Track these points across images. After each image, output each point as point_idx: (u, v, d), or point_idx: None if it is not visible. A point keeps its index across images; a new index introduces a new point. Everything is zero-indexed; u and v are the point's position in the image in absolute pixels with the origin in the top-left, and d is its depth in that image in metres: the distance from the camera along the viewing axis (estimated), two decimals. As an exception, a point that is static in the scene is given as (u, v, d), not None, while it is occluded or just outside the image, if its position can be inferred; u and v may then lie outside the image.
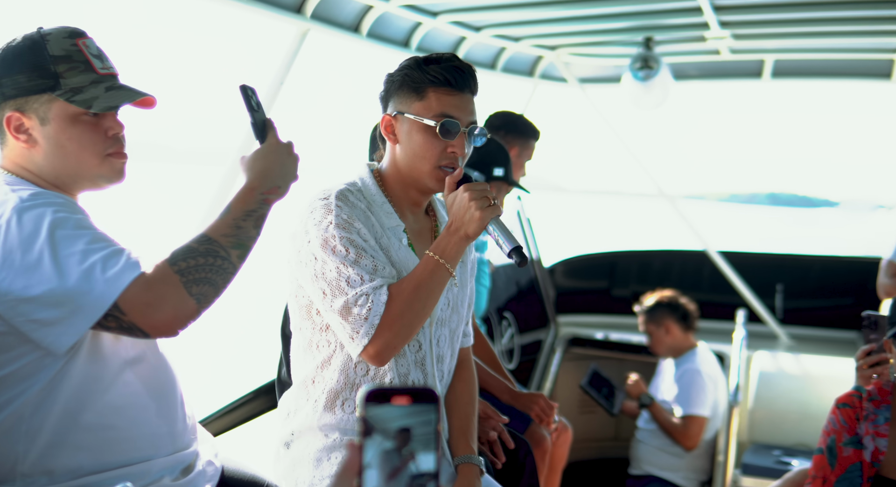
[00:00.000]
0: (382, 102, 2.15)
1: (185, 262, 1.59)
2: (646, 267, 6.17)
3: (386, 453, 0.92)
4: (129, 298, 1.54)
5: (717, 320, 5.41)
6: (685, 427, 4.38)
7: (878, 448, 2.30)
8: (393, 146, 2.12)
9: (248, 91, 1.84)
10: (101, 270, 1.54)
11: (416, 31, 3.91)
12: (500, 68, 4.80)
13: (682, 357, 4.60)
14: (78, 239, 1.57)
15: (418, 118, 2.05)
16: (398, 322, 1.95)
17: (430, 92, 2.06)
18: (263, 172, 1.76)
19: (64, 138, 1.71)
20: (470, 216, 1.96)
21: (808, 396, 4.52)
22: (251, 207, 1.71)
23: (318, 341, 2.10)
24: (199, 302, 1.59)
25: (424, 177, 2.08)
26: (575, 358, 5.32)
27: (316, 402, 2.11)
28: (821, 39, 4.50)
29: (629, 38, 4.65)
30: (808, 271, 5.95)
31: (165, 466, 1.75)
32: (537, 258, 5.31)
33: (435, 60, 2.07)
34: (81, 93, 1.70)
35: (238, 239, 1.67)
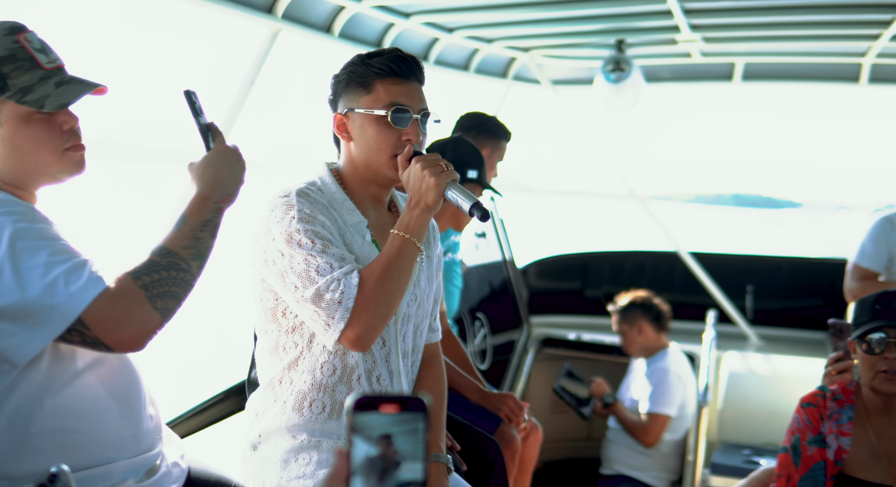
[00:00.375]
0: (332, 105, 2.16)
1: (148, 277, 1.58)
2: (618, 268, 6.21)
3: (371, 461, 0.92)
4: (93, 313, 1.53)
5: (688, 321, 5.45)
6: (647, 424, 4.42)
7: (841, 446, 2.34)
8: (347, 144, 2.13)
9: (192, 96, 1.83)
10: (63, 284, 1.52)
11: (389, 32, 3.91)
12: (474, 70, 4.81)
13: (654, 357, 4.63)
14: (39, 250, 1.54)
15: (368, 111, 2.06)
16: (373, 303, 1.94)
17: (376, 84, 2.07)
18: (214, 181, 1.74)
19: (19, 139, 1.68)
20: (426, 185, 1.97)
21: (776, 396, 4.56)
22: (206, 217, 1.71)
23: (284, 343, 2.09)
24: (163, 316, 1.60)
25: (382, 169, 2.08)
26: (547, 358, 5.34)
27: (284, 403, 2.11)
28: (791, 43, 4.55)
29: (601, 41, 4.68)
30: (778, 272, 6.00)
31: (129, 468, 1.73)
32: (510, 259, 5.32)
33: (378, 54, 2.09)
34: (31, 92, 1.66)
35: (197, 250, 1.67)
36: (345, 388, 2.08)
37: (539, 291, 5.87)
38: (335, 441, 2.08)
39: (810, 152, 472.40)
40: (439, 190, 1.97)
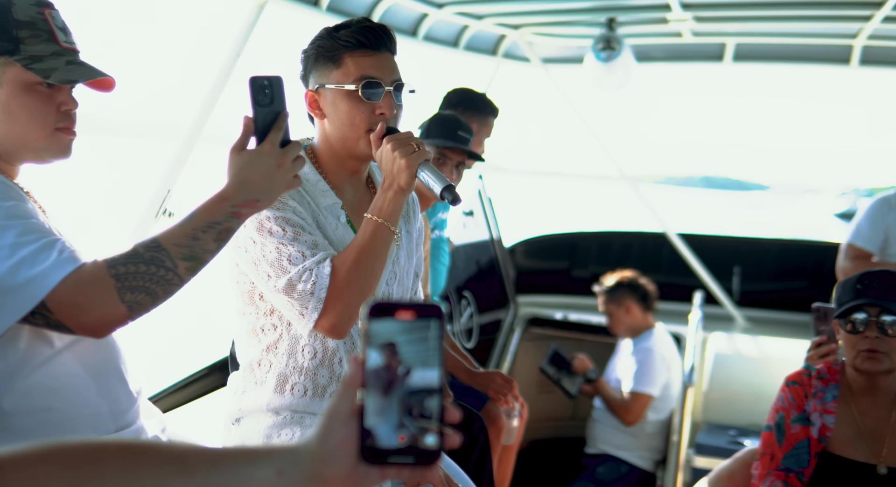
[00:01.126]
0: (303, 81, 2.09)
1: (124, 267, 1.50)
2: (606, 248, 6.20)
3: (376, 372, 0.91)
4: (56, 297, 1.48)
5: (675, 301, 5.46)
6: (629, 403, 4.43)
7: (825, 424, 2.34)
8: (321, 121, 2.07)
9: (261, 82, 1.66)
10: (28, 266, 1.47)
11: (378, 6, 3.86)
12: (463, 46, 4.77)
13: (639, 337, 4.64)
14: (7, 230, 1.50)
15: (339, 86, 1.99)
16: (346, 291, 1.90)
17: (345, 57, 2.00)
18: (243, 181, 1.61)
19: (14, 104, 1.65)
20: (398, 166, 1.91)
21: (762, 377, 4.57)
22: (216, 219, 1.58)
23: (263, 325, 2.06)
24: (131, 310, 1.52)
25: (357, 145, 2.02)
26: (534, 337, 5.34)
27: (265, 385, 2.08)
28: (782, 23, 4.53)
29: (592, 19, 4.64)
30: (766, 254, 6.01)
31: None
32: (498, 238, 5.31)
33: (345, 26, 2.02)
34: (41, 61, 1.64)
35: (191, 250, 1.56)
36: (326, 372, 2.05)
37: (526, 270, 5.86)
38: (318, 417, 2.06)
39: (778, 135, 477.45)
40: (411, 171, 1.91)
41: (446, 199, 1.91)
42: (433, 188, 1.92)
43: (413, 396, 0.92)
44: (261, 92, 1.65)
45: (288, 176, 1.65)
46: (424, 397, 0.92)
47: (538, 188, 64.12)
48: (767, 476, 2.36)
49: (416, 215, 2.31)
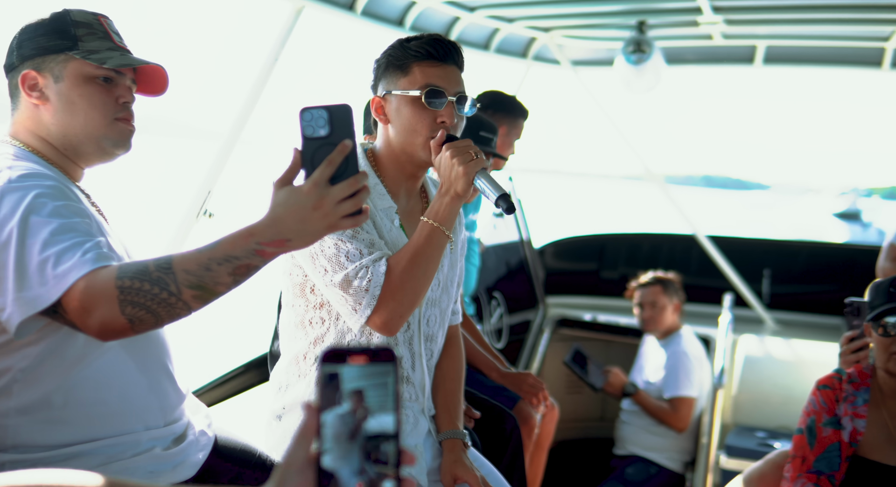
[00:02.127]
0: (373, 89, 2.17)
1: (129, 281, 1.49)
2: (635, 249, 6.21)
3: (342, 417, 0.93)
4: (69, 297, 1.51)
5: (704, 303, 5.46)
6: (675, 408, 4.43)
7: (856, 428, 2.35)
8: (385, 126, 2.14)
9: (313, 113, 1.50)
10: (52, 265, 1.51)
11: (411, 10, 3.91)
12: (494, 49, 4.81)
13: (668, 338, 4.65)
14: (46, 226, 1.55)
15: (404, 92, 2.07)
16: (400, 291, 1.97)
17: (413, 66, 2.08)
18: (274, 219, 1.49)
19: (75, 94, 1.75)
20: (455, 173, 1.96)
21: (792, 380, 4.57)
22: (236, 253, 1.49)
23: (311, 318, 2.13)
24: (132, 323, 1.50)
25: (417, 151, 2.09)
26: (563, 338, 5.37)
27: (308, 377, 2.14)
28: (813, 26, 4.52)
29: (622, 22, 4.66)
30: (796, 257, 6.00)
31: (156, 437, 1.77)
32: (527, 239, 5.34)
33: (417, 38, 2.10)
34: (97, 53, 1.76)
35: (200, 280, 1.49)
36: None
37: (556, 271, 5.89)
38: None
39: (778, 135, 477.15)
40: (468, 179, 1.97)
41: (501, 208, 1.96)
42: (489, 196, 1.97)
43: (371, 441, 0.93)
44: (311, 123, 1.50)
45: (330, 218, 1.50)
46: (382, 442, 0.93)
47: (567, 189, 64.07)
48: (799, 479, 2.38)
49: (461, 226, 2.36)
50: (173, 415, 1.83)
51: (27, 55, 1.76)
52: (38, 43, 1.75)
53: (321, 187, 1.48)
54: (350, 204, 1.50)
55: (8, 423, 1.62)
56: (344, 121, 1.50)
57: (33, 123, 1.78)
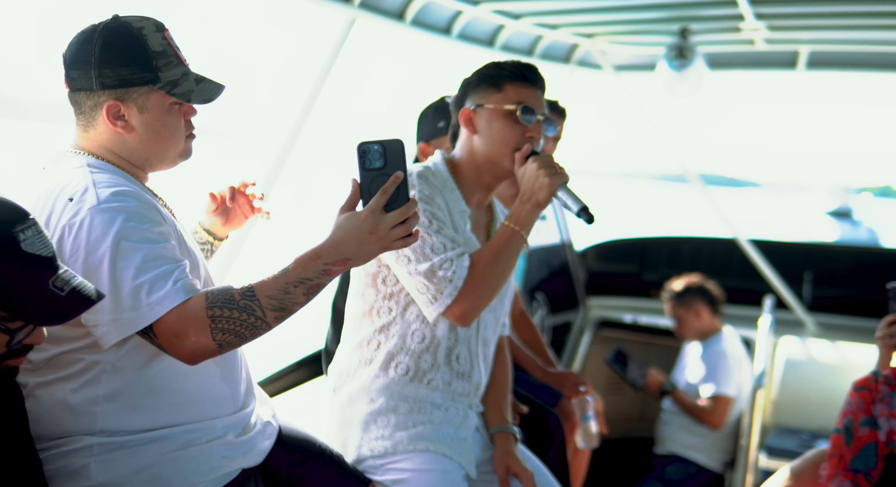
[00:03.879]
0: (457, 103, 2.31)
1: (220, 310, 1.66)
2: (676, 252, 6.26)
3: None
4: (162, 325, 1.66)
5: (745, 306, 5.49)
6: (712, 407, 4.49)
7: (892, 428, 2.42)
8: (471, 136, 2.27)
9: (367, 147, 1.72)
10: (146, 293, 1.65)
11: (458, 19, 4.03)
12: (538, 55, 4.90)
13: (709, 339, 4.71)
14: (137, 252, 1.67)
15: (498, 106, 2.22)
16: (480, 285, 2.11)
17: (507, 85, 2.23)
18: (338, 241, 1.70)
19: (160, 125, 1.86)
20: (540, 183, 2.11)
21: (832, 382, 4.60)
22: (308, 275, 1.69)
23: (380, 307, 2.26)
24: (220, 347, 1.68)
25: (502, 160, 2.23)
26: (603, 340, 5.44)
27: (371, 363, 2.28)
28: (856, 32, 4.55)
29: (665, 28, 4.72)
30: (837, 260, 6.00)
31: (229, 424, 1.91)
32: (568, 241, 5.42)
33: (510, 62, 2.27)
34: (178, 86, 1.85)
35: (281, 303, 1.68)
36: (430, 357, 2.25)
37: (597, 273, 5.96)
38: (411, 404, 2.24)
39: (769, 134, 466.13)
40: (551, 189, 2.11)
41: (582, 219, 2.10)
42: (570, 207, 2.11)
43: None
44: (366, 156, 1.71)
45: (385, 241, 1.70)
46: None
47: (609, 190, 63.96)
48: (836, 476, 2.44)
49: None
50: (243, 402, 1.97)
51: (109, 85, 1.81)
52: (120, 74, 1.80)
53: (377, 214, 1.69)
54: (402, 229, 1.71)
55: (97, 410, 1.76)
56: (397, 155, 1.71)
57: (115, 145, 1.86)
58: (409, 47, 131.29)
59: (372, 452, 2.23)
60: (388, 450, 2.22)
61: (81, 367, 1.76)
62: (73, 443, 1.76)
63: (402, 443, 2.22)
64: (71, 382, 1.76)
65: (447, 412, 2.28)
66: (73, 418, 1.76)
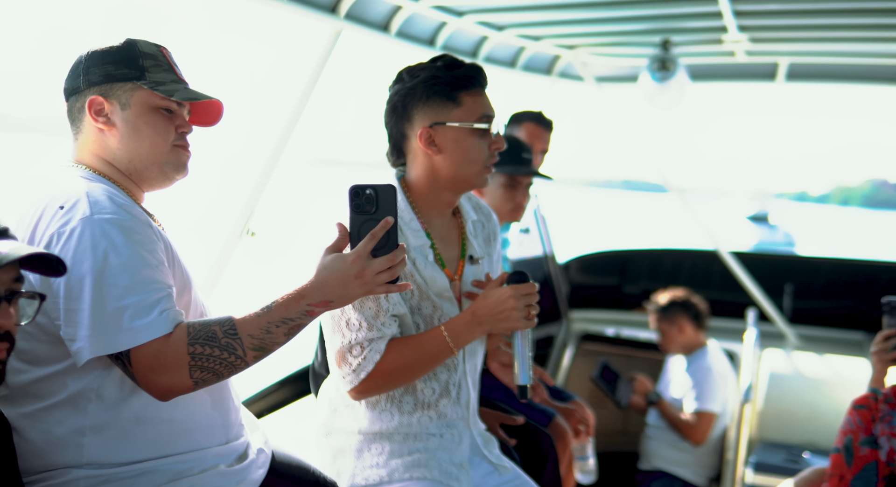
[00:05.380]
0: (402, 118, 2.11)
1: (201, 347, 1.63)
2: (657, 265, 6.25)
3: None
4: (139, 355, 1.61)
5: (727, 318, 5.49)
6: (695, 422, 4.47)
7: (893, 448, 2.39)
8: (432, 157, 2.10)
9: (359, 190, 1.70)
10: (129, 317, 1.60)
11: (442, 31, 3.98)
12: (520, 66, 4.87)
13: (693, 354, 4.69)
14: (126, 271, 1.62)
15: (465, 124, 2.06)
16: (384, 380, 2.05)
17: (463, 97, 2.07)
18: (321, 282, 1.68)
19: (141, 122, 1.82)
20: (505, 316, 2.00)
21: (817, 396, 4.60)
22: (291, 316, 1.67)
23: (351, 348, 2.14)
24: (196, 384, 1.66)
25: (473, 178, 2.11)
26: (587, 353, 5.41)
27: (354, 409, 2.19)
28: (836, 44, 4.56)
29: (647, 40, 4.71)
30: (817, 272, 6.02)
31: (220, 453, 1.84)
32: (551, 254, 5.38)
33: (454, 65, 2.09)
34: (164, 85, 1.82)
35: (262, 342, 1.66)
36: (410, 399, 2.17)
37: (579, 286, 5.93)
38: (405, 433, 2.16)
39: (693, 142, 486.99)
40: (512, 329, 2.02)
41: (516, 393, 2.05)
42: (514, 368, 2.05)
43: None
44: (358, 199, 1.69)
45: (369, 286, 1.69)
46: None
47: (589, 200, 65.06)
48: (834, 496, 2.41)
49: (497, 241, 2.40)
50: (235, 432, 1.90)
51: (94, 81, 1.82)
52: (106, 70, 1.81)
53: (363, 259, 1.67)
54: (387, 275, 1.69)
55: (83, 441, 1.69)
56: (388, 200, 1.69)
57: (99, 147, 1.84)
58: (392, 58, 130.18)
59: (367, 481, 2.15)
60: (384, 479, 2.13)
61: (65, 396, 1.69)
62: (59, 477, 1.68)
63: (397, 472, 2.13)
64: (55, 413, 1.69)
65: (442, 438, 2.20)
66: (59, 450, 1.69)
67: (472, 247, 2.26)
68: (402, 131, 2.13)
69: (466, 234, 2.27)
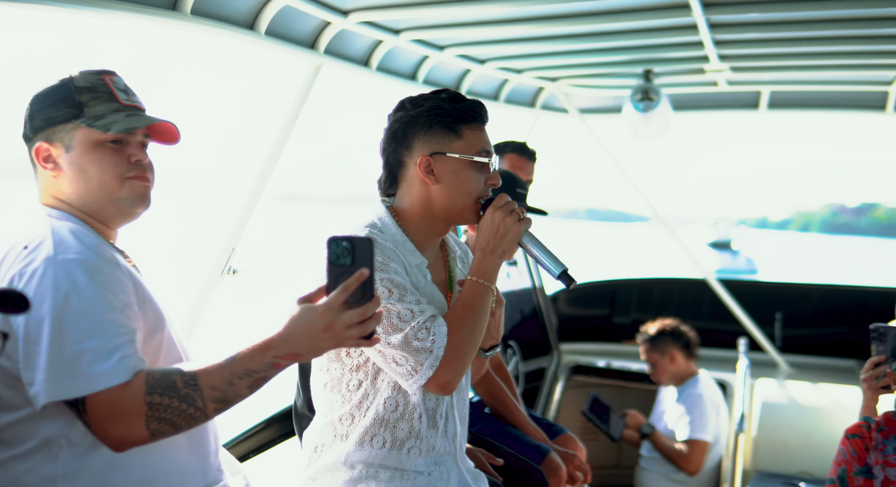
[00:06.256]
0: (401, 144, 2.11)
1: (160, 397, 1.57)
2: (646, 295, 6.23)
3: None
4: (95, 403, 1.56)
5: (717, 348, 5.46)
6: (688, 451, 4.42)
7: (887, 477, 2.35)
8: (428, 186, 2.10)
9: (337, 242, 1.64)
10: (88, 362, 1.55)
11: (423, 64, 3.98)
12: (503, 99, 4.88)
13: (685, 384, 4.65)
14: (86, 314, 1.57)
15: (465, 156, 2.07)
16: (461, 349, 1.98)
17: (465, 130, 2.08)
18: (289, 334, 1.62)
19: (85, 162, 1.77)
20: (504, 231, 2.03)
21: (810, 425, 4.56)
22: (255, 367, 1.61)
23: (348, 380, 2.10)
24: (153, 436, 1.59)
25: (465, 212, 2.11)
26: (577, 385, 5.36)
27: (345, 438, 2.12)
28: (817, 72, 4.59)
29: (629, 71, 4.73)
30: (807, 300, 6.01)
31: None
32: (540, 286, 5.35)
33: (457, 99, 2.11)
34: (102, 118, 1.77)
35: (224, 394, 1.60)
36: (406, 425, 2.09)
37: (568, 317, 5.90)
38: (392, 472, 2.10)
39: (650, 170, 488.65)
40: (517, 236, 2.04)
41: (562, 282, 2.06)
42: (549, 269, 2.07)
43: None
44: (334, 251, 1.64)
45: (338, 338, 1.62)
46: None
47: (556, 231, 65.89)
48: (830, 528, 2.36)
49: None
50: (213, 476, 1.84)
51: (38, 127, 1.78)
52: (46, 114, 1.77)
53: (334, 311, 1.61)
54: (358, 330, 1.63)
55: None
56: (364, 253, 1.64)
57: (54, 191, 1.80)
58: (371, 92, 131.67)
59: (352, 522, 2.09)
60: None
61: (35, 444, 1.63)
62: None
63: None
64: (25, 461, 1.63)
65: (430, 476, 2.14)
66: None
67: (461, 273, 2.28)
68: (400, 158, 2.13)
69: (451, 263, 2.27)
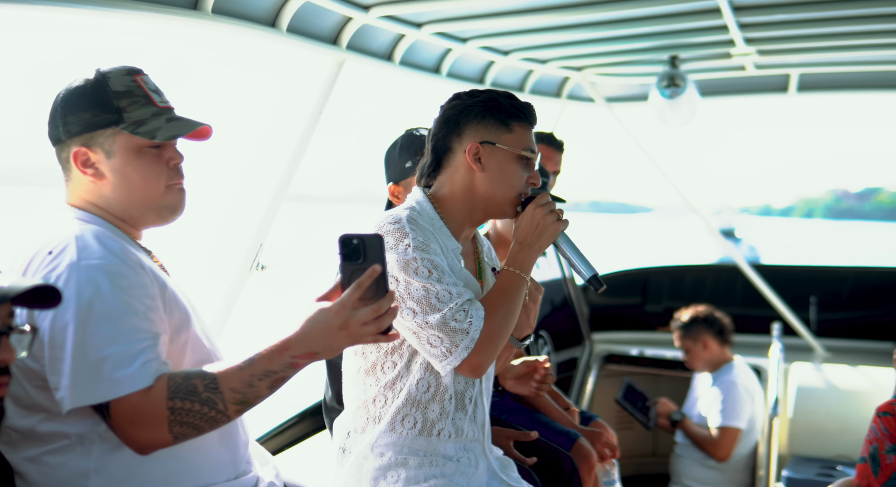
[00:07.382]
0: (452, 129, 2.16)
1: (181, 402, 1.60)
2: (678, 282, 6.19)
3: None
4: (118, 408, 1.59)
5: (751, 334, 5.42)
6: (718, 438, 4.40)
7: (921, 455, 2.33)
8: (474, 172, 2.14)
9: (348, 240, 1.66)
10: (111, 368, 1.58)
11: (447, 57, 3.99)
12: (528, 90, 4.87)
13: (720, 370, 4.62)
14: (109, 320, 1.60)
15: (513, 149, 2.12)
16: (496, 334, 2.03)
17: (515, 126, 2.14)
18: (306, 333, 1.64)
19: (130, 170, 1.78)
20: (543, 228, 2.09)
21: (846, 408, 4.51)
22: (274, 368, 1.63)
23: (383, 363, 2.14)
24: (175, 439, 1.62)
25: (505, 204, 2.16)
26: (610, 374, 5.35)
27: (378, 420, 2.15)
28: (846, 53, 4.53)
29: (654, 57, 4.70)
30: (842, 283, 5.94)
31: None
32: (570, 276, 5.35)
33: (512, 97, 2.17)
34: (144, 125, 1.77)
35: (244, 396, 1.63)
36: (437, 406, 2.13)
37: (599, 307, 5.89)
38: (421, 458, 2.13)
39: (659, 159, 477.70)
40: (554, 235, 2.10)
41: (592, 286, 2.13)
42: (580, 272, 2.14)
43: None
44: (346, 249, 1.66)
45: (355, 337, 1.65)
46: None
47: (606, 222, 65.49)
48: (864, 508, 2.35)
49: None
50: (243, 467, 1.87)
51: (74, 131, 1.77)
52: (83, 118, 1.76)
53: (348, 309, 1.63)
54: (374, 326, 1.65)
55: (88, 484, 1.67)
56: (375, 249, 1.65)
57: (92, 195, 1.81)
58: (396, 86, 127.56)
59: (383, 509, 2.12)
60: None
61: (68, 441, 1.67)
62: None
63: None
64: (58, 456, 1.67)
65: (459, 463, 2.16)
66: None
67: (493, 262, 2.36)
68: (449, 144, 2.18)
69: (481, 255, 2.32)
